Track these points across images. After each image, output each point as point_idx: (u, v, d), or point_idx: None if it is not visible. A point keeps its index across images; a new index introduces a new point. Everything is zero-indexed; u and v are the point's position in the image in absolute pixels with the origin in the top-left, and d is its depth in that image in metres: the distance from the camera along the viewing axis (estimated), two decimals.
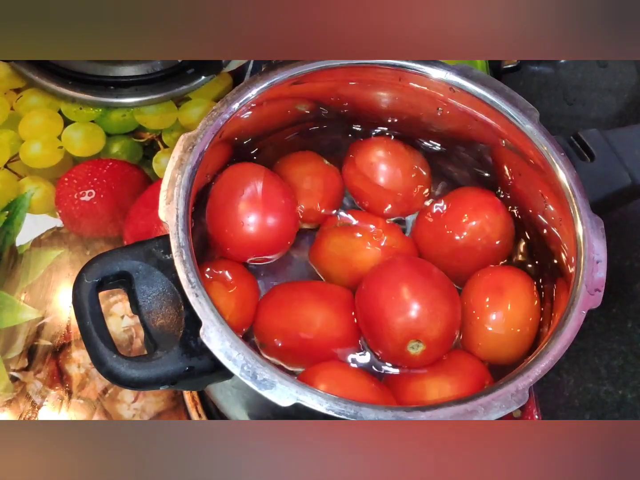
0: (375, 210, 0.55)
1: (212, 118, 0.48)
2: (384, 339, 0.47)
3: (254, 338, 0.50)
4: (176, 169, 0.46)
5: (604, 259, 0.46)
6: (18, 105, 0.72)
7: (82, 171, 0.69)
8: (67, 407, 0.59)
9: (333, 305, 0.50)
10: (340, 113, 0.56)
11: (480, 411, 0.41)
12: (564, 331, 0.44)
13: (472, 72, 0.52)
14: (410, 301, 0.47)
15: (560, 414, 0.62)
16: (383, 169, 0.54)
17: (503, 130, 0.52)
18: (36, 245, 0.65)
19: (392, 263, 0.50)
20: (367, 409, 0.40)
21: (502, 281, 0.50)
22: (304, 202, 0.54)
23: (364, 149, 0.55)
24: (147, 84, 0.73)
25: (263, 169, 0.52)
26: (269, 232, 0.50)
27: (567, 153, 0.50)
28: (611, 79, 0.80)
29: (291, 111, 0.55)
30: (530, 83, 0.79)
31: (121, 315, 0.62)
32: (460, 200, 0.53)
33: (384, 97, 0.55)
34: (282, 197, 0.51)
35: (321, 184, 0.55)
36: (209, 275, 0.49)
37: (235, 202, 0.49)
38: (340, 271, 0.52)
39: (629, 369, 0.64)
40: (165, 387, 0.43)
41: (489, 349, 0.49)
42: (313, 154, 0.56)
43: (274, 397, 0.40)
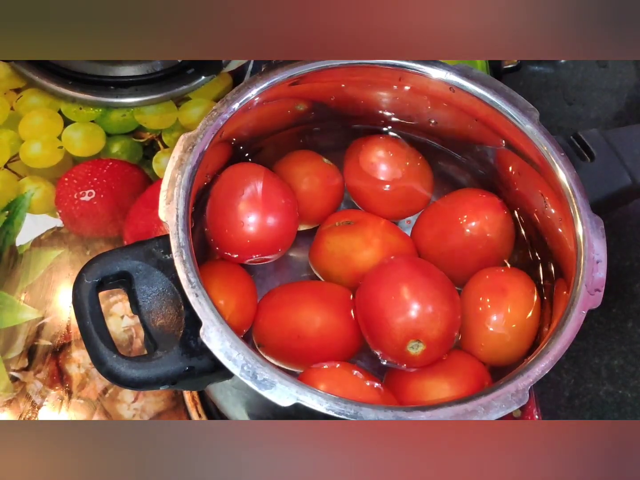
0: (376, 210, 0.55)
1: (212, 118, 0.48)
2: (383, 339, 0.47)
3: (252, 338, 0.50)
4: (176, 169, 0.46)
5: (604, 259, 0.46)
6: (18, 105, 0.72)
7: (82, 171, 0.69)
8: (67, 407, 0.59)
9: (333, 306, 0.50)
10: (339, 112, 0.56)
11: (480, 411, 0.41)
12: (564, 331, 0.44)
13: (472, 72, 0.52)
14: (410, 301, 0.47)
15: (560, 414, 0.62)
16: (384, 168, 0.54)
17: (503, 130, 0.52)
18: (36, 245, 0.65)
19: (392, 263, 0.50)
20: (367, 409, 0.40)
21: (503, 282, 0.50)
22: (304, 201, 0.54)
23: (365, 148, 0.55)
24: (147, 84, 0.73)
25: (263, 168, 0.52)
26: (269, 232, 0.50)
27: (567, 153, 0.50)
28: (611, 79, 0.80)
29: (291, 111, 0.55)
30: (530, 83, 0.79)
31: (121, 315, 0.62)
32: (461, 201, 0.53)
33: (384, 97, 0.55)
34: (282, 197, 0.51)
35: (321, 183, 0.55)
36: (209, 276, 0.49)
37: (235, 202, 0.49)
38: (340, 271, 0.52)
39: (629, 369, 0.64)
40: (165, 387, 0.43)
41: (490, 350, 0.49)
42: (313, 153, 0.56)
43: (274, 397, 0.40)
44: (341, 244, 0.52)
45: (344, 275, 0.52)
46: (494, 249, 0.52)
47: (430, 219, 0.54)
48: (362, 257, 0.51)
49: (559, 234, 0.50)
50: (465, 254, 0.52)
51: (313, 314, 0.49)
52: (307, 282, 0.53)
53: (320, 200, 0.55)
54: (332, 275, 0.52)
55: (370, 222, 0.53)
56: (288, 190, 0.52)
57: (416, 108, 0.55)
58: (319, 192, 0.54)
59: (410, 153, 0.55)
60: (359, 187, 0.55)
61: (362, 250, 0.52)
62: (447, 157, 0.57)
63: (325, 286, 0.52)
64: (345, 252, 0.52)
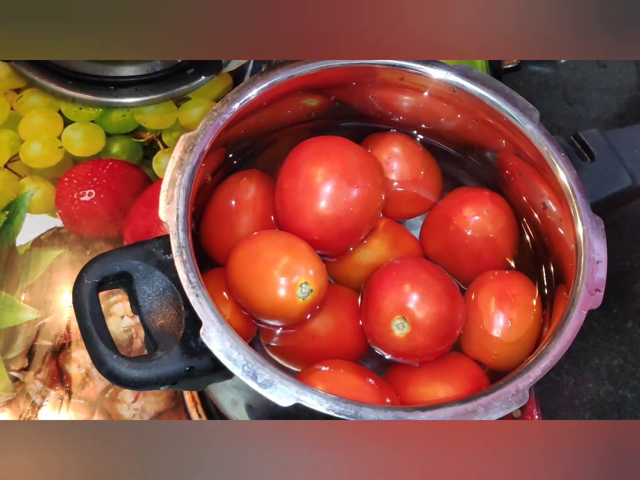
0: (385, 210, 0.54)
1: (212, 118, 0.48)
2: (373, 315, 0.47)
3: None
4: (176, 169, 0.46)
5: (604, 259, 0.46)
6: (18, 105, 0.72)
7: (82, 171, 0.69)
8: (67, 407, 0.59)
9: (338, 307, 0.50)
10: (346, 110, 0.56)
11: (481, 411, 0.41)
12: (564, 331, 0.44)
13: (472, 72, 0.52)
14: (405, 282, 0.48)
15: (560, 414, 0.62)
16: (395, 167, 0.54)
17: (503, 130, 0.52)
18: (36, 245, 0.65)
19: (398, 263, 0.50)
20: (367, 409, 0.40)
21: (507, 288, 0.50)
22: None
23: (378, 145, 0.55)
24: (147, 84, 0.73)
25: (261, 180, 0.52)
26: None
27: (567, 153, 0.50)
28: (611, 79, 0.80)
29: (291, 111, 0.55)
30: (530, 83, 0.79)
31: (121, 315, 0.62)
32: (461, 199, 0.53)
33: (384, 97, 0.55)
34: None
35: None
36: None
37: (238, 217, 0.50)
38: (347, 272, 0.52)
39: (629, 369, 0.64)
40: (165, 387, 0.43)
41: (492, 353, 0.49)
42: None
43: (274, 397, 0.40)
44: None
45: (351, 276, 0.51)
46: (496, 247, 0.52)
47: (433, 218, 0.54)
48: (368, 259, 0.51)
49: (559, 234, 0.50)
50: (467, 252, 0.52)
51: (326, 315, 0.49)
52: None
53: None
54: (337, 276, 0.52)
55: (383, 224, 0.53)
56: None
57: (415, 108, 0.55)
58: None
59: (424, 152, 0.55)
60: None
61: (369, 252, 0.52)
62: (447, 157, 0.57)
63: (331, 287, 0.52)
64: (351, 253, 0.51)
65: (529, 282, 0.51)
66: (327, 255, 0.51)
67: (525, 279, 0.51)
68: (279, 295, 0.45)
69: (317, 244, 0.48)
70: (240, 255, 0.47)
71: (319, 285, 0.46)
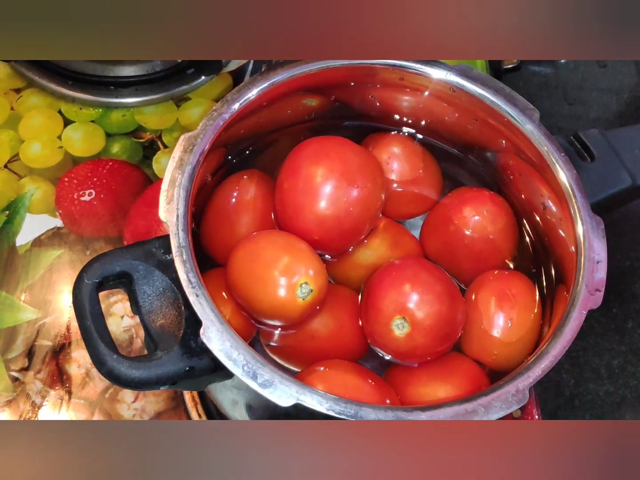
0: (385, 210, 0.54)
1: (212, 118, 0.48)
2: (372, 315, 0.47)
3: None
4: (176, 169, 0.46)
5: (604, 259, 0.46)
6: (18, 105, 0.72)
7: (82, 171, 0.69)
8: (67, 407, 0.59)
9: (338, 307, 0.50)
10: (346, 110, 0.56)
11: (481, 411, 0.41)
12: (564, 331, 0.44)
13: (472, 72, 0.52)
14: (405, 282, 0.48)
15: (560, 414, 0.62)
16: (395, 167, 0.54)
17: (503, 130, 0.52)
18: (36, 245, 0.65)
19: (398, 263, 0.50)
20: (367, 409, 0.40)
21: (507, 288, 0.50)
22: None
23: (378, 145, 0.55)
24: (147, 84, 0.73)
25: (261, 180, 0.52)
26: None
27: (567, 153, 0.50)
28: (611, 79, 0.80)
29: (291, 111, 0.55)
30: (530, 83, 0.79)
31: (121, 315, 0.62)
32: (461, 199, 0.53)
33: (384, 97, 0.55)
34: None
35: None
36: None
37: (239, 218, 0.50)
38: (347, 272, 0.52)
39: (629, 369, 0.64)
40: (165, 387, 0.43)
41: (492, 354, 0.49)
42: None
43: (274, 397, 0.40)
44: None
45: (351, 277, 0.51)
46: (495, 245, 0.52)
47: (432, 218, 0.54)
48: (369, 259, 0.51)
49: (559, 234, 0.50)
50: (467, 252, 0.52)
51: (319, 317, 0.49)
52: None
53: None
54: (337, 276, 0.52)
55: (383, 224, 0.53)
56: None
57: (416, 108, 0.55)
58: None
59: (424, 152, 0.55)
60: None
61: (369, 252, 0.52)
62: (447, 157, 0.57)
63: (331, 287, 0.52)
64: (351, 253, 0.51)
65: (529, 282, 0.51)
66: (327, 255, 0.51)
67: (525, 279, 0.51)
68: (279, 295, 0.45)
69: (317, 244, 0.48)
70: (240, 255, 0.47)
71: (319, 285, 0.46)
